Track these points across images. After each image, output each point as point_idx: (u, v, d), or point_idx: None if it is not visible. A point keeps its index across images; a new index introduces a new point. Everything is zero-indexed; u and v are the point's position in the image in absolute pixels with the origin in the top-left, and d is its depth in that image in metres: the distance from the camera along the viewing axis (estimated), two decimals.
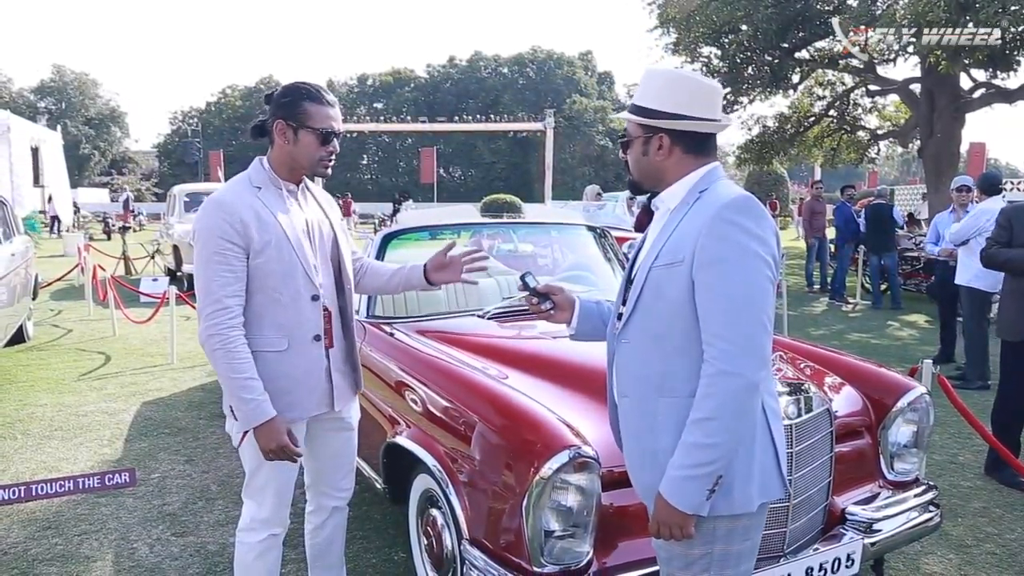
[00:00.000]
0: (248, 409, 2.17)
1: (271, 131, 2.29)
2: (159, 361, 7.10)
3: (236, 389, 2.17)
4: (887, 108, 21.97)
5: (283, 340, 2.28)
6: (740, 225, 1.63)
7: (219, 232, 2.17)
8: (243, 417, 2.19)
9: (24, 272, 7.44)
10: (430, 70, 63.58)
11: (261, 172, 2.32)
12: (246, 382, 2.17)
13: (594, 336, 2.08)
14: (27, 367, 6.81)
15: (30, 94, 58.40)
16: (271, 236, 2.22)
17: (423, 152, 36.73)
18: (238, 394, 2.17)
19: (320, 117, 2.26)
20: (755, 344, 1.61)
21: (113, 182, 47.49)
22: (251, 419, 2.18)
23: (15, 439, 4.85)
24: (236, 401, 2.19)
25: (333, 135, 2.28)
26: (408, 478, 2.87)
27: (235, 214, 2.18)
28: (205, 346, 2.19)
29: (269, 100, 2.32)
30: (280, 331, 2.28)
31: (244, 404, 2.17)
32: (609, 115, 56.52)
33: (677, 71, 1.84)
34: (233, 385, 2.17)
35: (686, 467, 1.64)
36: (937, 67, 14.35)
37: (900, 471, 2.95)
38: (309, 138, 2.26)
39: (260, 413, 2.18)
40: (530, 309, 2.12)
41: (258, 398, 2.18)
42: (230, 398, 2.22)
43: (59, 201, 17.93)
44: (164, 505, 3.82)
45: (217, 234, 2.17)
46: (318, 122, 2.25)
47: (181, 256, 11.71)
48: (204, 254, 2.18)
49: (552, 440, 2.18)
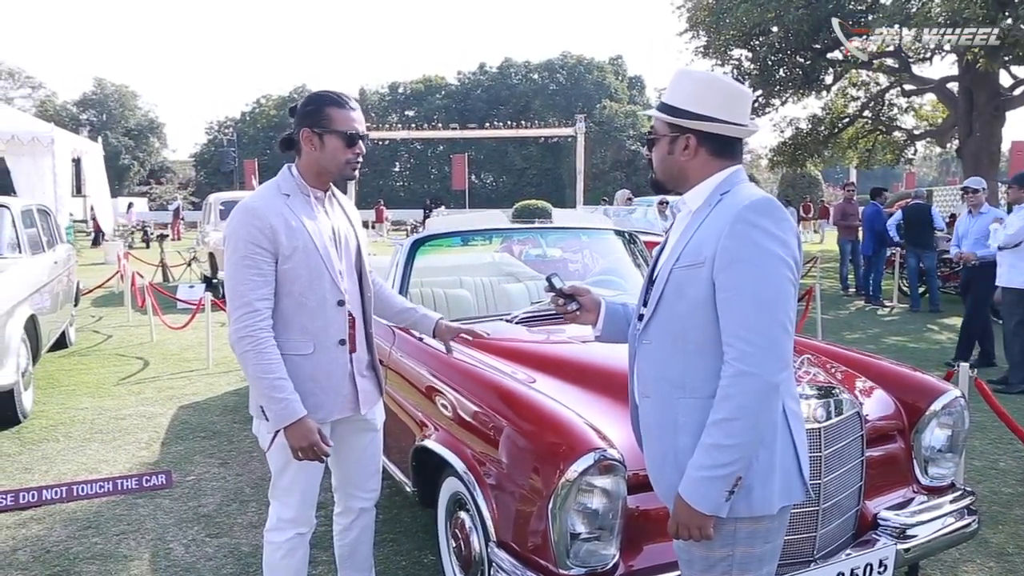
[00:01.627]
0: (279, 408, 2.21)
1: (298, 141, 2.34)
2: (195, 366, 7.23)
3: (267, 389, 2.21)
4: (924, 107, 21.58)
5: (309, 344, 2.32)
6: (760, 227, 1.63)
7: (249, 237, 2.22)
8: (274, 416, 2.23)
9: (66, 279, 7.64)
10: (461, 77, 63.84)
11: (290, 180, 2.36)
12: (276, 382, 2.21)
13: (619, 338, 2.09)
14: (69, 372, 6.99)
15: (73, 107, 59.85)
16: (299, 242, 2.27)
17: (454, 159, 36.89)
18: (269, 394, 2.21)
19: (343, 120, 2.30)
20: (775, 345, 1.61)
21: (152, 191, 48.46)
22: (282, 418, 2.22)
23: (58, 441, 4.98)
24: (267, 401, 2.23)
25: (358, 137, 2.32)
26: (437, 481, 2.90)
27: (264, 220, 2.23)
28: (235, 347, 2.24)
29: (294, 113, 2.38)
30: (306, 335, 2.32)
31: (275, 403, 2.21)
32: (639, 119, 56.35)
33: (709, 73, 1.84)
34: (263, 385, 2.21)
35: (705, 468, 1.64)
36: (975, 64, 14.07)
37: (935, 476, 2.90)
38: (335, 142, 2.30)
39: (291, 412, 2.21)
40: (556, 310, 2.13)
41: (289, 397, 2.22)
42: (260, 398, 2.26)
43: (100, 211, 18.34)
44: (199, 506, 3.90)
45: (247, 239, 2.22)
46: (342, 125, 2.30)
47: (216, 263, 11.91)
48: (234, 258, 2.24)
49: (577, 443, 2.19)
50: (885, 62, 17.97)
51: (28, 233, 6.58)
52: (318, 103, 2.31)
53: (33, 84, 57.69)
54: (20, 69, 56.81)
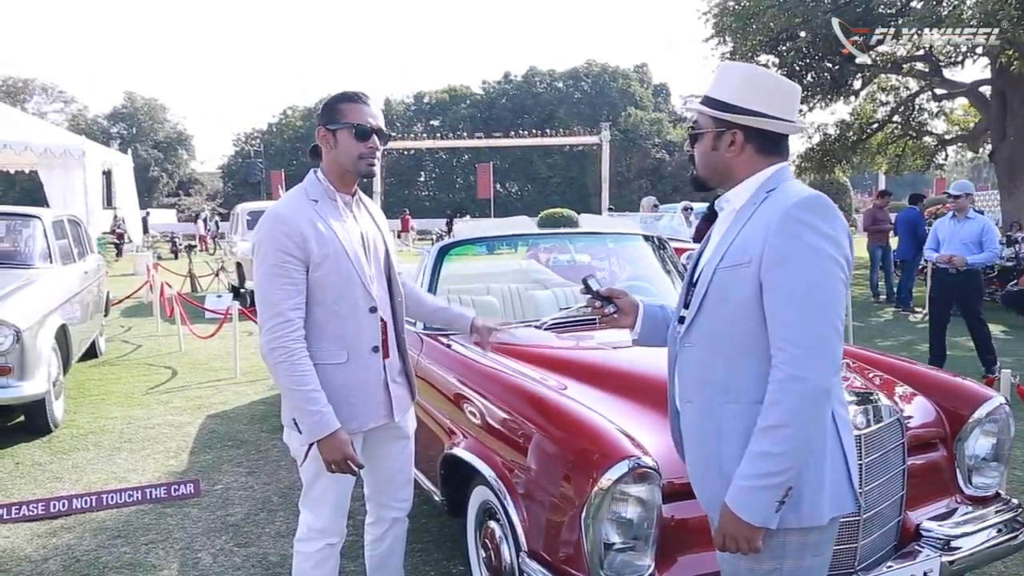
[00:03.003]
0: (312, 421, 2.18)
1: (319, 144, 2.33)
2: (223, 375, 7.27)
3: (300, 401, 2.17)
4: (955, 112, 21.24)
5: (342, 352, 2.29)
6: (811, 225, 1.57)
7: (279, 245, 2.18)
8: (308, 429, 2.19)
9: (97, 290, 7.72)
10: (485, 86, 64.12)
11: (317, 185, 2.34)
12: (310, 394, 2.17)
13: (657, 341, 2.04)
14: (99, 381, 7.06)
15: (104, 120, 61.03)
16: (330, 249, 2.24)
17: (479, 168, 36.96)
18: (302, 406, 2.17)
19: (354, 113, 2.27)
20: (826, 348, 1.55)
21: (180, 203, 49.15)
22: (316, 431, 2.18)
23: (88, 450, 5.01)
24: (300, 414, 2.19)
25: (370, 130, 2.27)
26: (466, 490, 2.85)
27: (294, 227, 2.20)
28: (267, 358, 2.20)
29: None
30: (339, 343, 2.29)
31: (308, 416, 2.17)
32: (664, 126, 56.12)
33: (757, 67, 1.79)
34: (296, 397, 2.18)
35: (754, 477, 1.58)
36: (1009, 67, 13.81)
37: (979, 485, 2.81)
38: (346, 136, 2.27)
39: (325, 425, 2.18)
40: (593, 313, 2.08)
41: (323, 410, 2.18)
42: (293, 411, 2.22)
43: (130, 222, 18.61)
44: (227, 516, 3.89)
45: (277, 247, 2.18)
46: (352, 117, 2.26)
47: (244, 273, 12.00)
48: (264, 267, 2.20)
49: (611, 450, 2.14)
50: (915, 66, 17.72)
51: (59, 244, 6.65)
52: (332, 101, 2.30)
53: (65, 99, 59.05)
54: (53, 84, 58.29)
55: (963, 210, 6.77)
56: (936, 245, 6.93)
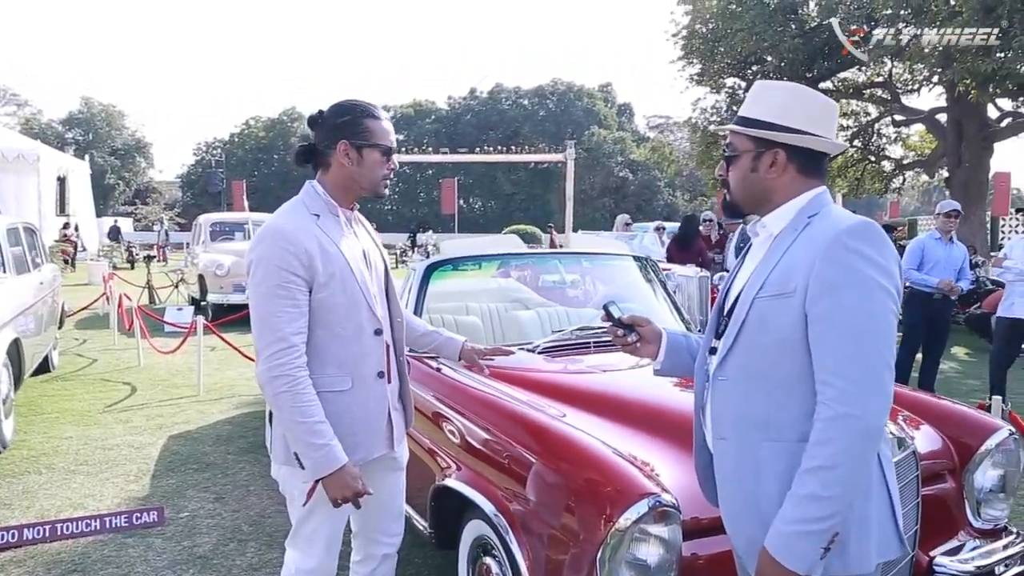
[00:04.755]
0: (319, 456, 2.00)
1: (328, 154, 2.15)
2: (186, 392, 6.97)
3: (305, 435, 1.99)
4: (911, 138, 21.81)
5: (346, 378, 2.13)
6: (862, 253, 1.47)
7: (282, 264, 2.01)
8: (313, 465, 2.01)
9: (52, 301, 7.38)
10: (451, 102, 64.01)
11: (317, 198, 2.17)
12: (316, 426, 2.00)
13: (681, 371, 1.92)
14: (52, 398, 6.71)
15: (58, 125, 59.38)
16: (335, 268, 2.08)
17: (444, 183, 36.76)
18: (308, 440, 1.99)
19: (381, 133, 2.15)
20: (879, 383, 1.45)
21: (136, 211, 48.03)
22: (323, 467, 2.00)
23: (40, 474, 4.71)
24: (304, 448, 2.01)
25: (392, 150, 2.18)
26: (458, 523, 2.69)
27: (299, 244, 2.03)
28: (267, 387, 2.02)
29: (316, 123, 2.18)
30: (343, 369, 2.12)
31: (314, 451, 1.99)
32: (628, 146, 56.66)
33: (796, 85, 1.70)
34: (302, 430, 1.99)
35: (799, 521, 1.46)
36: (967, 95, 14.20)
37: (988, 518, 2.74)
38: (375, 155, 2.14)
39: (333, 460, 2.01)
40: (614, 341, 1.95)
41: (330, 443, 2.01)
42: (296, 444, 2.04)
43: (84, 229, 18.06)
44: (194, 547, 3.65)
45: (280, 266, 2.01)
46: (381, 138, 2.14)
47: (206, 285, 11.65)
48: (265, 287, 2.02)
49: (628, 487, 2.00)
50: (876, 93, 18.16)
51: (13, 252, 6.33)
52: (354, 114, 2.13)
53: (19, 102, 57.35)
54: (6, 87, 56.49)
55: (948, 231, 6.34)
56: (918, 267, 6.33)
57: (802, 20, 16.21)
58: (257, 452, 5.02)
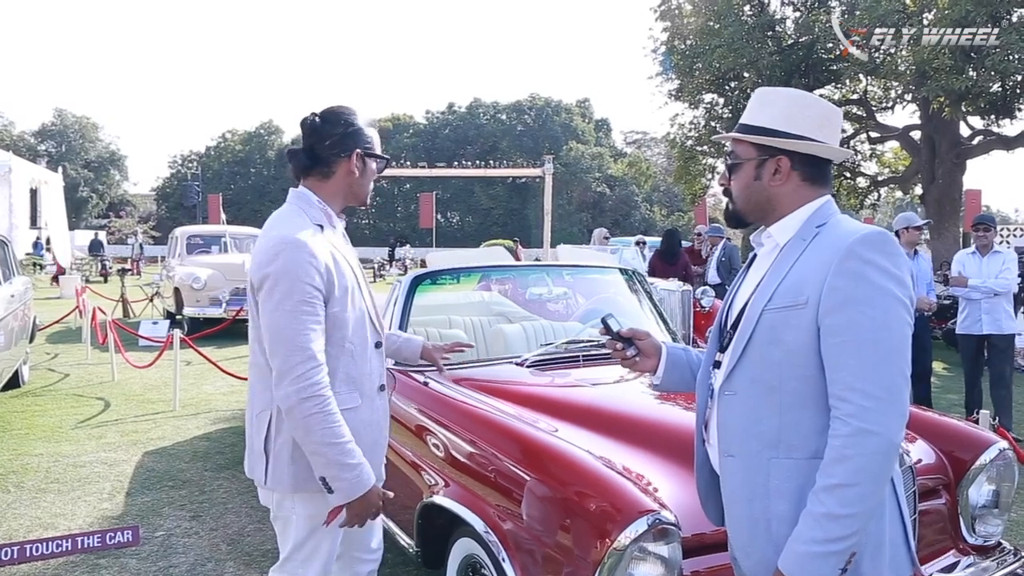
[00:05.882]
0: (352, 476, 1.91)
1: (334, 161, 2.06)
2: (161, 408, 6.81)
3: (339, 456, 1.90)
4: (886, 155, 22.12)
5: (355, 395, 2.06)
6: (877, 264, 1.43)
7: (306, 277, 1.92)
8: (345, 488, 1.92)
9: (23, 314, 7.20)
10: (429, 116, 64.03)
11: (317, 208, 2.08)
12: (348, 447, 1.92)
13: (681, 386, 1.87)
14: (22, 414, 6.52)
15: (31, 137, 58.52)
16: (346, 282, 2.03)
17: (422, 197, 36.60)
18: (342, 461, 1.90)
19: (377, 142, 2.13)
20: (896, 398, 1.41)
21: (110, 224, 47.38)
22: (356, 489, 1.93)
23: (8, 492, 4.55)
24: (338, 470, 1.91)
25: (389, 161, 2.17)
26: (446, 541, 2.62)
27: (319, 257, 1.95)
28: (296, 410, 1.89)
29: (315, 129, 2.07)
30: (352, 385, 2.06)
31: (348, 472, 1.91)
32: (606, 161, 56.97)
33: (799, 91, 1.66)
34: (335, 452, 1.90)
35: (815, 542, 1.40)
36: (941, 113, 14.42)
37: (982, 534, 2.71)
38: (373, 166, 2.11)
39: (366, 479, 1.94)
40: (613, 355, 1.90)
41: (363, 462, 1.94)
42: (327, 467, 1.92)
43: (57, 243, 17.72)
44: (170, 567, 3.53)
45: (305, 280, 1.91)
46: (378, 147, 2.11)
47: (182, 299, 11.47)
48: (290, 303, 1.91)
49: (627, 504, 1.95)
50: (851, 110, 18.39)
51: None
52: (356, 123, 2.08)
53: None
54: None
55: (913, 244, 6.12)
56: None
57: (779, 37, 16.41)
58: (235, 468, 4.90)
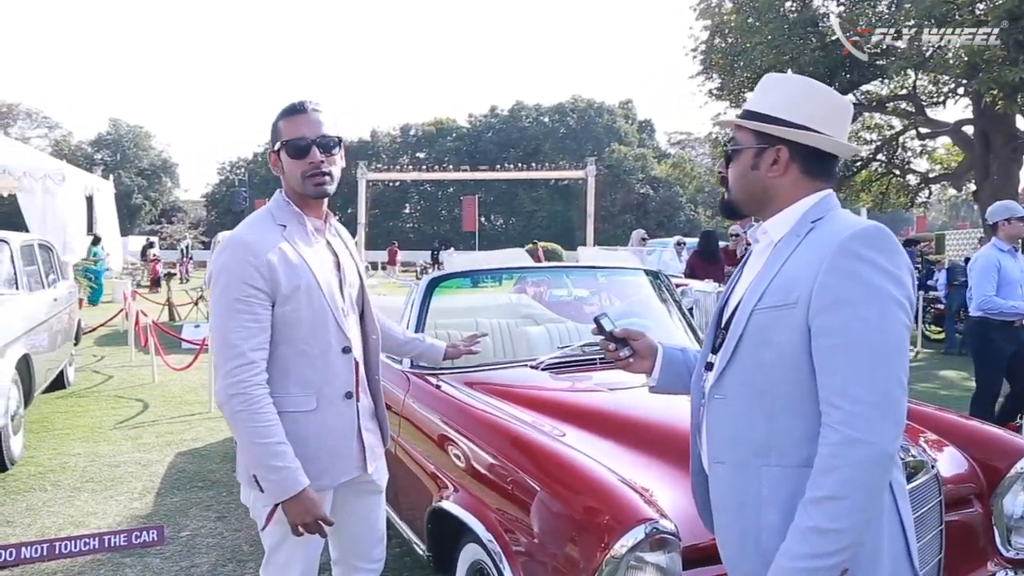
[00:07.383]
0: (278, 479, 1.90)
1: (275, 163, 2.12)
2: (197, 409, 6.92)
3: (264, 456, 1.90)
4: (937, 151, 21.45)
5: (311, 399, 2.02)
6: (871, 261, 1.34)
7: (243, 276, 1.92)
8: (272, 488, 1.92)
9: (67, 317, 7.39)
10: (472, 119, 64.32)
11: (284, 207, 2.09)
12: (275, 448, 1.90)
13: (678, 388, 1.79)
14: (64, 414, 6.69)
15: (87, 147, 60.47)
16: (300, 281, 1.98)
17: (465, 200, 36.84)
18: (266, 462, 1.90)
19: (290, 129, 2.03)
20: (891, 405, 1.32)
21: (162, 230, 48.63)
22: (281, 491, 1.91)
23: (45, 491, 4.66)
24: (263, 470, 1.91)
25: (309, 143, 2.01)
26: (454, 545, 2.58)
27: (260, 256, 1.93)
28: (225, 407, 1.92)
29: None
30: (307, 388, 2.02)
31: (274, 473, 1.90)
32: (649, 162, 56.50)
33: (807, 79, 1.56)
34: (260, 452, 1.90)
35: (803, 557, 1.32)
36: (994, 107, 13.91)
37: (1018, 547, 2.57)
38: (285, 156, 2.04)
39: (292, 483, 1.90)
40: (606, 355, 1.83)
41: (290, 465, 1.90)
42: (255, 466, 1.94)
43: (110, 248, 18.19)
44: (192, 567, 3.56)
45: (240, 278, 1.92)
46: (288, 133, 2.02)
47: None
48: (224, 301, 1.93)
49: (624, 512, 1.88)
50: (899, 105, 17.89)
51: (27, 270, 6.35)
52: (274, 121, 2.07)
53: (50, 124, 58.62)
54: (38, 110, 57.84)
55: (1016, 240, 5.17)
56: (995, 289, 5.09)
57: (822, 33, 16.03)
58: None
